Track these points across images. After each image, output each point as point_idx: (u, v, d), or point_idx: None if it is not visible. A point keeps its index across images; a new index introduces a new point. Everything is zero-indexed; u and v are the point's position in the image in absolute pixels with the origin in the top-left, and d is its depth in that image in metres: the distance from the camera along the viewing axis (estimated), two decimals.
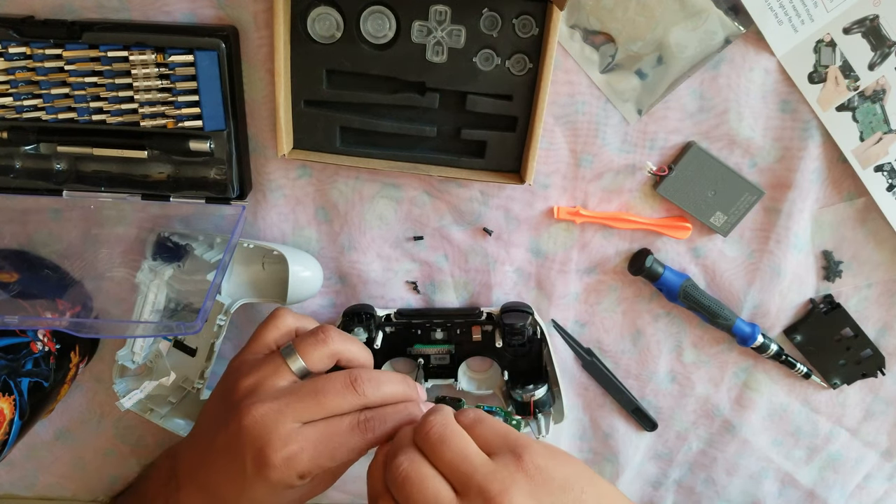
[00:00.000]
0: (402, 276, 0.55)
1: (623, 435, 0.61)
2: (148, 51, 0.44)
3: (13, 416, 0.46)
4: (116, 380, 0.53)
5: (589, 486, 0.36)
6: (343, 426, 0.41)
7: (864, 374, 0.58)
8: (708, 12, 0.46)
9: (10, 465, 0.63)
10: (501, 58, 0.47)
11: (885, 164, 0.50)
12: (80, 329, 0.46)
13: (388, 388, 0.44)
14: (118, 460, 0.62)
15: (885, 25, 0.47)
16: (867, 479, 0.64)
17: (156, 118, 0.46)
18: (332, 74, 0.48)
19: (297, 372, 0.44)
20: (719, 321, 0.54)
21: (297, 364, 0.43)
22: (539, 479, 0.35)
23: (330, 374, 0.43)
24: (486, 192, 0.52)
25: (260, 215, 0.53)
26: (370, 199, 0.52)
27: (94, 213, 0.52)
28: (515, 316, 0.53)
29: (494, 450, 0.37)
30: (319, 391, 0.42)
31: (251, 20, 0.46)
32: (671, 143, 0.51)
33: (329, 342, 0.44)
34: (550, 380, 0.55)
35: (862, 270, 0.55)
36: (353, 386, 0.42)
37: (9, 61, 0.45)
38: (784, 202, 0.52)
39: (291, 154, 0.49)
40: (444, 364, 0.56)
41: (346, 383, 0.42)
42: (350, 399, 0.42)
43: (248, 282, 0.54)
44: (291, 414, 0.41)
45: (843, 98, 0.49)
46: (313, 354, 0.44)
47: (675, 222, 0.53)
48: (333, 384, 0.42)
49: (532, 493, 0.34)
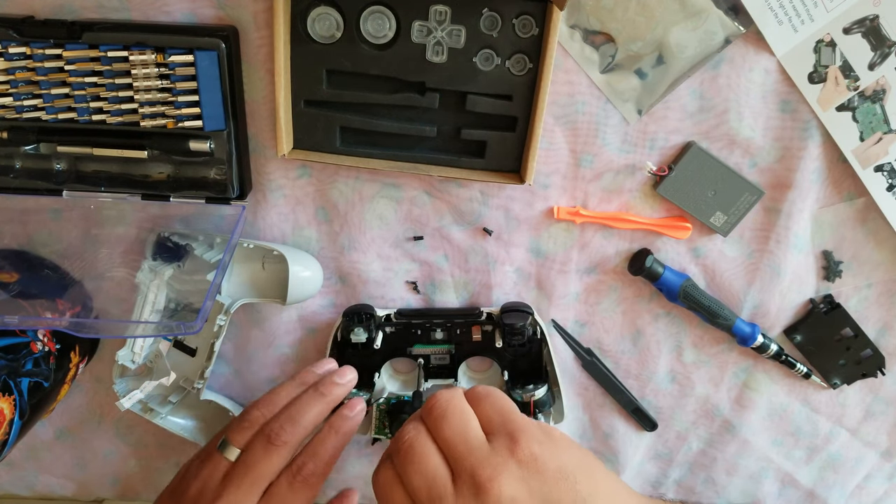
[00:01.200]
0: (402, 276, 0.55)
1: (623, 435, 0.61)
2: (148, 51, 0.44)
3: (13, 416, 0.46)
4: (116, 380, 0.53)
5: (585, 476, 0.36)
6: (282, 491, 0.42)
7: (864, 374, 0.58)
8: (708, 12, 0.46)
9: (10, 465, 0.63)
10: (501, 58, 0.47)
11: (885, 164, 0.50)
12: (80, 329, 0.46)
13: (308, 418, 0.44)
14: (118, 460, 0.62)
15: (885, 25, 0.47)
16: (867, 479, 0.64)
17: (156, 118, 0.46)
18: (332, 74, 0.48)
19: (236, 459, 0.43)
20: (719, 321, 0.54)
21: (233, 454, 0.43)
22: (532, 467, 0.34)
23: (251, 443, 0.43)
24: (486, 192, 0.52)
25: (260, 215, 0.53)
26: (370, 199, 0.52)
27: (94, 213, 0.52)
28: (515, 316, 0.53)
29: (493, 429, 0.36)
30: (248, 467, 0.42)
31: (251, 20, 0.46)
32: (671, 143, 0.51)
33: (254, 422, 0.44)
34: (550, 380, 0.55)
35: (862, 270, 0.55)
36: (272, 442, 0.42)
37: (9, 61, 0.45)
38: (784, 202, 0.52)
39: (291, 154, 0.49)
40: (444, 364, 0.56)
41: (264, 445, 0.42)
42: (277, 456, 0.42)
43: (248, 282, 0.54)
44: (238, 503, 0.41)
45: (843, 98, 0.49)
46: (242, 438, 0.44)
47: (675, 222, 0.53)
48: (254, 454, 0.42)
49: (523, 480, 0.34)
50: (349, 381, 0.48)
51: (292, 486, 0.42)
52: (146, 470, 0.63)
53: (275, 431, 0.43)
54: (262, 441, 0.43)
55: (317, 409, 0.45)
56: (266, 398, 0.46)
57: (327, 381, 0.47)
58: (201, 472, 0.43)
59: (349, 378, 0.48)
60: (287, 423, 0.43)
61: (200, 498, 0.42)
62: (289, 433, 0.43)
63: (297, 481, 0.42)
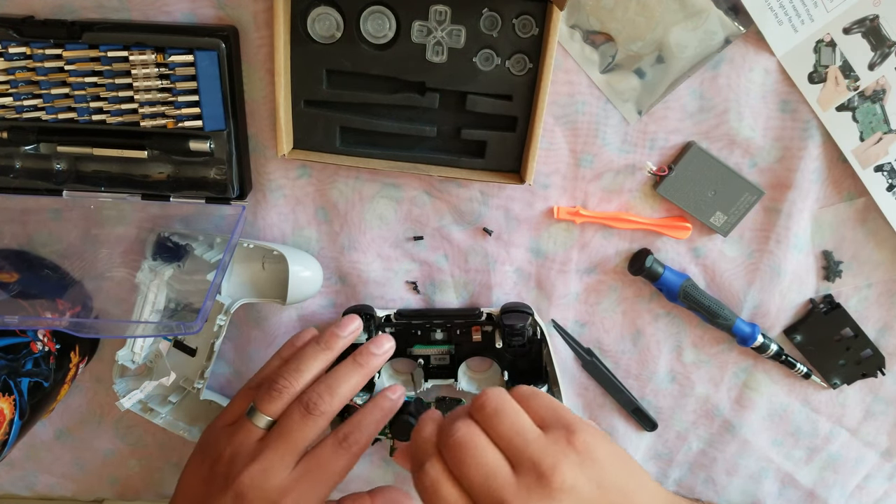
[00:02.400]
0: (402, 276, 0.55)
1: (623, 435, 0.61)
2: (148, 51, 0.44)
3: (13, 416, 0.46)
4: (116, 380, 0.53)
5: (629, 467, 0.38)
6: (326, 453, 0.44)
7: (864, 374, 0.58)
8: (708, 12, 0.46)
9: (10, 465, 0.63)
10: (501, 58, 0.47)
11: (885, 164, 0.50)
12: (80, 329, 0.46)
13: (345, 389, 0.45)
14: (118, 460, 0.62)
15: (885, 25, 0.47)
16: (867, 479, 0.63)
17: (156, 118, 0.46)
18: (332, 74, 0.48)
19: (266, 426, 0.45)
20: (719, 321, 0.54)
21: (262, 421, 0.44)
22: (588, 455, 0.36)
23: (288, 411, 0.44)
24: (486, 192, 0.52)
25: (260, 215, 0.53)
26: (370, 199, 0.52)
27: (94, 213, 0.52)
28: (515, 316, 0.53)
29: (547, 424, 0.38)
30: (285, 434, 0.43)
31: (251, 20, 0.46)
32: (671, 143, 0.51)
33: (284, 392, 0.45)
34: (550, 380, 0.55)
35: (862, 270, 0.55)
36: (310, 412, 0.44)
37: (9, 61, 0.45)
38: (784, 202, 0.52)
39: (291, 154, 0.49)
40: (444, 364, 0.56)
41: (302, 414, 0.44)
42: (314, 425, 0.44)
43: (248, 282, 0.54)
44: (276, 466, 0.42)
45: (843, 98, 0.49)
46: (273, 407, 0.45)
47: (675, 222, 0.53)
48: (292, 422, 0.43)
49: (581, 467, 0.35)
50: (386, 351, 0.48)
51: (336, 452, 0.44)
52: (146, 470, 0.63)
53: (313, 401, 0.44)
54: (300, 410, 0.44)
55: (354, 380, 0.46)
56: (292, 366, 0.46)
57: (365, 351, 0.47)
58: (233, 438, 0.44)
59: (387, 348, 0.48)
60: (325, 394, 0.44)
61: (235, 460, 0.43)
62: (327, 403, 0.44)
63: (341, 448, 0.44)
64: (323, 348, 0.47)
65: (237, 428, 0.45)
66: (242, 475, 0.42)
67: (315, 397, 0.44)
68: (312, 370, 0.46)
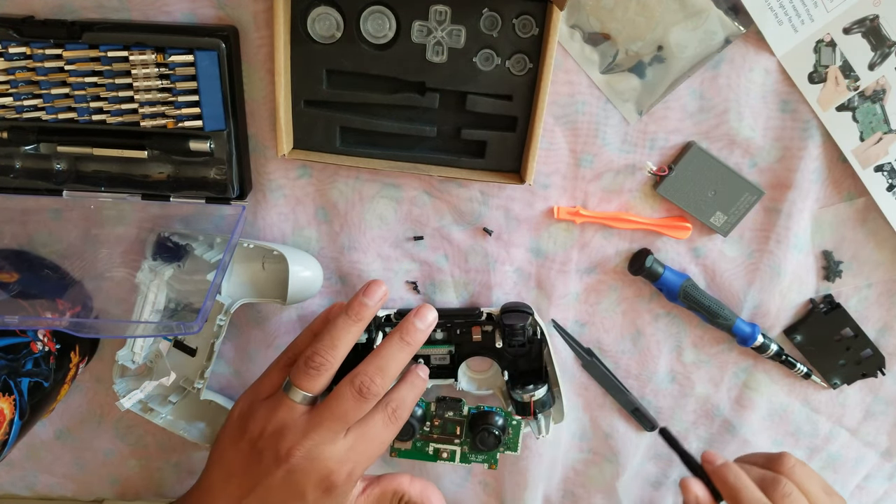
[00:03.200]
0: (402, 276, 0.55)
1: (623, 435, 0.61)
2: (148, 51, 0.44)
3: (13, 416, 0.46)
4: (116, 380, 0.53)
5: None
6: (378, 425, 0.46)
7: (864, 374, 0.58)
8: (708, 12, 0.46)
9: (10, 465, 0.63)
10: (501, 58, 0.47)
11: (885, 164, 0.50)
12: (80, 329, 0.46)
13: (394, 369, 0.46)
14: (118, 460, 0.62)
15: (885, 25, 0.47)
16: (867, 479, 0.64)
17: (156, 118, 0.46)
18: (332, 74, 0.48)
19: (305, 402, 0.45)
20: (719, 321, 0.54)
21: (300, 396, 0.45)
22: None
23: (339, 392, 0.45)
24: (486, 192, 0.52)
25: (260, 215, 0.53)
26: (370, 199, 0.52)
27: (94, 213, 0.52)
28: (515, 316, 0.53)
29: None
30: (338, 414, 0.44)
31: (251, 20, 0.46)
32: (671, 143, 0.51)
33: (322, 368, 0.45)
34: (550, 380, 0.55)
35: (862, 270, 0.55)
36: (363, 395, 0.45)
37: (9, 61, 0.45)
38: (784, 202, 0.52)
39: (291, 154, 0.49)
40: (444, 364, 0.56)
41: (355, 397, 0.45)
42: (366, 405, 0.45)
43: (248, 282, 0.54)
44: (329, 441, 0.44)
45: (843, 98, 0.49)
46: (313, 384, 0.45)
47: (675, 222, 0.53)
48: (345, 403, 0.45)
49: None
50: (430, 323, 0.49)
51: (387, 425, 0.46)
52: (146, 470, 0.63)
53: (366, 385, 0.45)
54: (353, 393, 0.45)
55: (402, 358, 0.47)
56: (327, 342, 0.46)
57: (410, 328, 0.48)
58: (274, 414, 0.45)
59: (430, 320, 0.49)
60: (377, 376, 0.45)
61: (282, 436, 0.44)
62: (379, 386, 0.45)
63: (391, 420, 0.46)
64: (354, 320, 0.47)
65: (276, 403, 0.45)
66: (295, 450, 0.43)
67: (367, 381, 0.45)
68: (347, 343, 0.46)
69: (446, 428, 0.57)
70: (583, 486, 0.64)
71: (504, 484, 0.63)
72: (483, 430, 0.55)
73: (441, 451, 0.58)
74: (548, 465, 0.61)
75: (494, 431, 0.55)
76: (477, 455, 0.58)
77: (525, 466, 0.61)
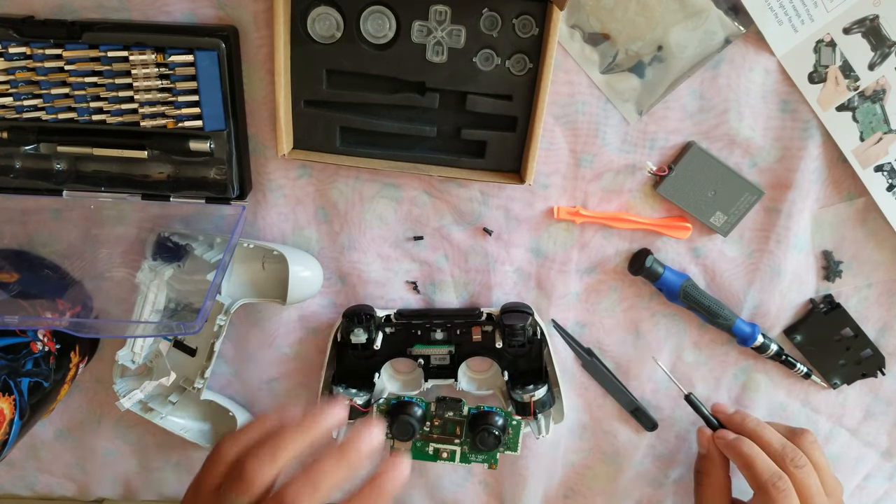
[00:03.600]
0: (402, 276, 0.55)
1: (623, 435, 0.61)
2: (148, 51, 0.44)
3: (13, 416, 0.46)
4: (116, 380, 0.53)
5: None
6: None
7: (864, 374, 0.58)
8: (708, 12, 0.46)
9: (10, 465, 0.63)
10: (501, 58, 0.47)
11: (885, 164, 0.50)
12: (80, 329, 0.46)
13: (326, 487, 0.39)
14: (118, 460, 0.62)
15: (885, 25, 0.47)
16: (867, 479, 0.63)
17: (156, 118, 0.46)
18: (332, 74, 0.48)
19: None
20: (719, 321, 0.54)
21: None
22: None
23: None
24: (486, 192, 0.52)
25: (260, 215, 0.53)
26: (370, 199, 0.52)
27: (94, 213, 0.52)
28: (515, 316, 0.53)
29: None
30: None
31: (251, 20, 0.46)
32: (671, 143, 0.51)
33: (255, 482, 0.39)
34: (550, 380, 0.55)
35: (862, 270, 0.55)
36: None
37: (9, 61, 0.45)
38: (784, 202, 0.52)
39: (291, 154, 0.49)
40: (444, 364, 0.56)
41: None
42: None
43: (248, 282, 0.54)
44: None
45: (843, 98, 0.49)
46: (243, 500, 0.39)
47: (675, 222, 0.53)
48: None
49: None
50: (375, 445, 0.42)
51: None
52: (146, 470, 0.63)
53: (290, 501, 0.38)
54: None
55: (339, 476, 0.40)
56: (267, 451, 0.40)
57: (352, 447, 0.41)
58: None
59: (375, 443, 0.42)
60: (305, 494, 0.39)
61: None
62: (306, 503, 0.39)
63: None
64: (303, 432, 0.40)
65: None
66: None
67: (293, 497, 0.38)
68: (288, 456, 0.40)
69: (446, 428, 0.57)
70: (583, 486, 0.64)
71: (504, 484, 0.63)
72: (483, 430, 0.55)
73: (441, 451, 0.58)
74: (548, 465, 0.61)
75: (494, 431, 0.55)
76: (477, 455, 0.58)
77: (525, 466, 0.61)
